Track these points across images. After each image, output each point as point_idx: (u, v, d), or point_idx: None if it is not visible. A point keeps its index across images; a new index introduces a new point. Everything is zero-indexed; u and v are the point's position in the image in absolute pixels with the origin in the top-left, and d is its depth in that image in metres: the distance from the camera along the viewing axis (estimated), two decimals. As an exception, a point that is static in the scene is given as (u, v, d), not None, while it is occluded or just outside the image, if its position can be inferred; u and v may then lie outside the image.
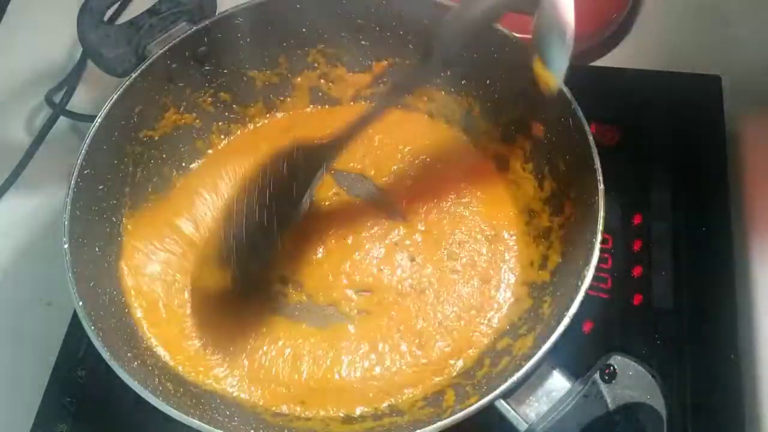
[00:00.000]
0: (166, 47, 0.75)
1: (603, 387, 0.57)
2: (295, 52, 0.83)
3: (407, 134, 0.82)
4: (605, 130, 0.84)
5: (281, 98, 0.85)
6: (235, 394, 0.70)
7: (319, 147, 0.70)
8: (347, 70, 0.84)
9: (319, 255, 0.77)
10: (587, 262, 0.62)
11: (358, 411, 0.69)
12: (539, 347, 0.59)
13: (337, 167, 0.81)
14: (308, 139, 0.71)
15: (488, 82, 0.77)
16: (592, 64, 0.94)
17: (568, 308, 0.60)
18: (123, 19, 0.94)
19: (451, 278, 0.75)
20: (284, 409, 0.70)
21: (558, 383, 0.59)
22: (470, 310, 0.73)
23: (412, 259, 0.76)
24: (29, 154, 0.89)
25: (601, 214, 0.63)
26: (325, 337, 0.73)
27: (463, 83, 0.80)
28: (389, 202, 0.79)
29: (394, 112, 0.84)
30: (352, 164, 0.82)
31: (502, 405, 0.58)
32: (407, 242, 0.77)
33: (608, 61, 0.94)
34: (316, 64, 0.84)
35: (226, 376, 0.71)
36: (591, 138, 0.66)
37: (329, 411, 0.69)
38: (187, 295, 0.75)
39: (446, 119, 0.83)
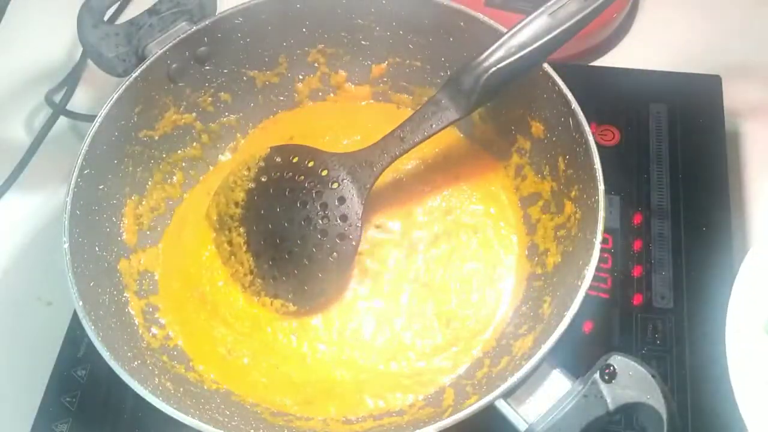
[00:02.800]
0: (166, 47, 0.75)
1: (603, 387, 0.57)
2: (295, 52, 0.83)
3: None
4: (605, 130, 0.84)
5: (281, 98, 0.85)
6: (236, 394, 0.71)
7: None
8: (348, 77, 0.84)
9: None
10: (587, 262, 0.62)
11: (360, 412, 0.69)
12: (539, 347, 0.59)
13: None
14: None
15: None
16: (592, 64, 0.94)
17: (567, 308, 0.60)
18: (123, 19, 0.94)
19: (450, 279, 0.75)
20: (287, 409, 0.70)
21: (558, 383, 0.59)
22: (470, 309, 0.73)
23: (413, 258, 0.76)
24: (29, 154, 0.89)
25: (602, 214, 0.64)
26: (330, 336, 0.73)
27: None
28: (388, 203, 0.79)
29: (393, 111, 0.85)
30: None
31: (502, 405, 0.58)
32: (405, 242, 0.77)
33: (608, 61, 0.94)
34: (316, 64, 0.84)
35: (231, 376, 0.72)
36: (591, 138, 0.66)
37: (331, 412, 0.69)
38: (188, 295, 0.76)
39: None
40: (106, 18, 0.77)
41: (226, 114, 0.84)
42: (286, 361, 0.72)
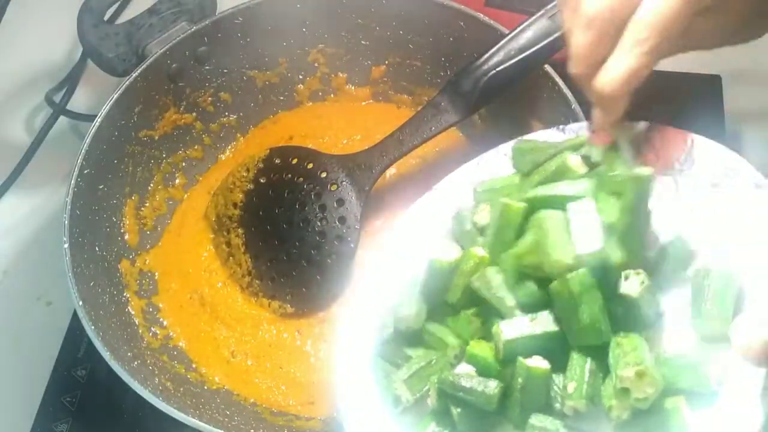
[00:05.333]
0: (166, 47, 0.75)
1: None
2: (295, 52, 0.83)
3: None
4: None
5: (281, 98, 0.85)
6: (237, 394, 0.71)
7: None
8: (348, 78, 0.85)
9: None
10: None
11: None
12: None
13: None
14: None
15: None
16: (592, 64, 0.93)
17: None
18: (123, 18, 0.94)
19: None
20: (289, 409, 0.70)
21: None
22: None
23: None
24: (29, 154, 0.89)
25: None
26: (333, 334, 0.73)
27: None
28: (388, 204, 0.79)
29: (394, 111, 0.85)
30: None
31: None
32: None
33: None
34: (316, 64, 0.84)
35: (235, 378, 0.72)
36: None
37: (333, 412, 0.69)
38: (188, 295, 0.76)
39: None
40: (106, 18, 0.77)
41: (226, 114, 0.84)
42: (290, 360, 0.72)
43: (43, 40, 1.01)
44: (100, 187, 0.73)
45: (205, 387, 0.70)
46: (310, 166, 0.75)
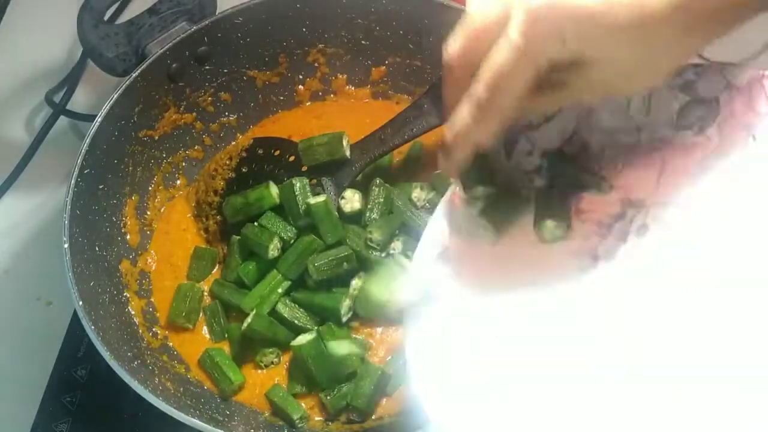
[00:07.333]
0: (166, 47, 0.75)
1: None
2: (295, 52, 0.83)
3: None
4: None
5: (281, 98, 0.85)
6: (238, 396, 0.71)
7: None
8: (348, 79, 0.85)
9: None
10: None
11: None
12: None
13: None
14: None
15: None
16: (592, 64, 0.94)
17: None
18: (123, 18, 0.94)
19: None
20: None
21: None
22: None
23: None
24: (29, 154, 0.89)
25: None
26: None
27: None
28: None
29: (393, 108, 0.84)
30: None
31: None
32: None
33: (608, 61, 0.94)
34: (316, 64, 0.84)
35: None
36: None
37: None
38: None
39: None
40: (106, 18, 0.77)
41: (226, 114, 0.84)
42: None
43: (43, 40, 1.01)
44: (100, 187, 0.73)
45: (205, 387, 0.70)
46: (292, 158, 0.76)
